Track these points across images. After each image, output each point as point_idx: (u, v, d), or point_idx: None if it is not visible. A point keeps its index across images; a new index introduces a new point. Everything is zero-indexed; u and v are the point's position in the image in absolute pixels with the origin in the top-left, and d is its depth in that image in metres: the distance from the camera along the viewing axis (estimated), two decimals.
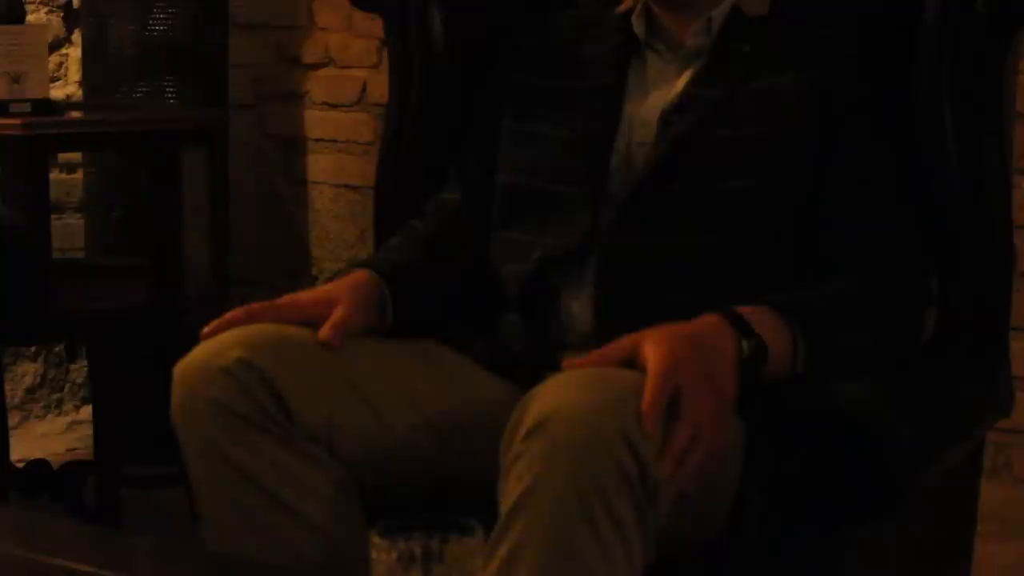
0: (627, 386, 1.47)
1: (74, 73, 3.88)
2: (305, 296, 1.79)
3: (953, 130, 1.80)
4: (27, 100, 2.91)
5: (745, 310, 1.58)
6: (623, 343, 1.53)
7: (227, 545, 1.65)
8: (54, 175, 3.65)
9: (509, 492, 1.46)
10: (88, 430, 3.50)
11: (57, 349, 3.91)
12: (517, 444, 1.46)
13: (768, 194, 1.71)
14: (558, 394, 1.47)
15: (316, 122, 3.64)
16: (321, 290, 1.81)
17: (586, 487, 1.42)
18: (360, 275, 1.83)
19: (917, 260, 1.73)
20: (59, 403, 3.94)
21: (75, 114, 3.22)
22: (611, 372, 1.51)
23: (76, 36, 3.84)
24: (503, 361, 1.81)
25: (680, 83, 1.79)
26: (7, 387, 3.45)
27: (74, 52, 3.87)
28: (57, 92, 3.74)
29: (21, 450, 3.36)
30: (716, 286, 1.69)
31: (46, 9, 3.91)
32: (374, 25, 3.15)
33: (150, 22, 3.44)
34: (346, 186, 3.61)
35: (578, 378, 1.50)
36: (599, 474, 1.42)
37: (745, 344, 1.56)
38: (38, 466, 3.16)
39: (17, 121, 2.84)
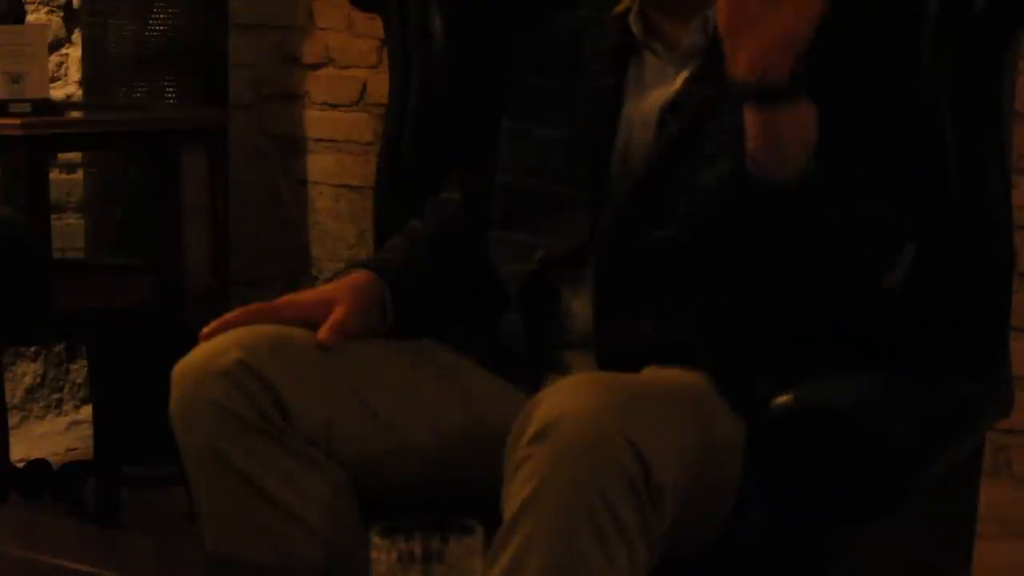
0: (632, 390, 1.47)
1: (74, 73, 3.88)
2: (304, 296, 1.79)
3: (953, 130, 1.80)
4: (27, 100, 2.90)
5: None
6: None
7: (225, 546, 1.65)
8: (54, 175, 3.64)
9: (514, 495, 1.46)
10: (88, 430, 3.49)
11: (57, 349, 3.91)
12: (522, 448, 1.47)
13: None
14: (564, 398, 1.47)
15: (316, 122, 3.63)
16: (320, 291, 1.81)
17: (591, 491, 1.42)
18: (360, 275, 1.82)
19: (904, 198, 1.72)
20: (59, 403, 3.94)
21: (75, 114, 3.22)
22: (616, 376, 1.52)
23: (76, 36, 3.84)
24: (503, 361, 1.81)
25: (677, 82, 1.79)
26: (7, 387, 3.45)
27: (74, 52, 3.86)
28: (57, 92, 3.74)
29: (21, 450, 3.36)
30: (717, 279, 1.69)
31: (46, 9, 3.90)
32: (374, 25, 3.15)
33: (150, 22, 3.43)
34: (346, 186, 3.60)
35: (583, 382, 1.51)
36: (603, 478, 1.42)
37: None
38: (38, 466, 3.16)
39: (17, 121, 2.83)
